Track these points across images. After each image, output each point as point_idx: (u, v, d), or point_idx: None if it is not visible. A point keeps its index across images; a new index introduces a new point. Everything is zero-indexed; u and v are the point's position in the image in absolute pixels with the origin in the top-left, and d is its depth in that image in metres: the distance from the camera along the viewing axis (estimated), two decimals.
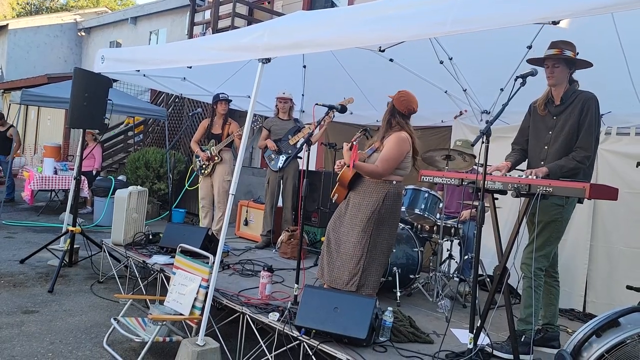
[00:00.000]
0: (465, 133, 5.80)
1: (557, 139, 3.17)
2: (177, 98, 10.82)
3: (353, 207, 3.71)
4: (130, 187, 5.28)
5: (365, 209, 3.66)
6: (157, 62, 4.83)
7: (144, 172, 9.69)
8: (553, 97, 3.26)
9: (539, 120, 3.31)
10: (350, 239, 3.65)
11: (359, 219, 3.66)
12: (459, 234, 4.34)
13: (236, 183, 3.61)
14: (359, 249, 3.63)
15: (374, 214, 3.65)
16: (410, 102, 3.80)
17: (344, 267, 3.64)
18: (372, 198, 3.67)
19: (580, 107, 3.10)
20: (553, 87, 3.23)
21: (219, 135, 5.86)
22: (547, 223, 3.10)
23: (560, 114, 3.20)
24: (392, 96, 3.82)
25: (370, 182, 3.71)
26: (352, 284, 3.59)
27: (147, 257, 4.71)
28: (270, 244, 5.77)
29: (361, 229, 3.64)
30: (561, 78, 3.16)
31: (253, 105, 3.68)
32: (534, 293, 3.12)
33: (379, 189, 3.68)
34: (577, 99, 3.14)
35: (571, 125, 3.11)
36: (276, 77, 6.39)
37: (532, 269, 3.10)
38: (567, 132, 3.12)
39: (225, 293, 3.87)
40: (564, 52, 3.10)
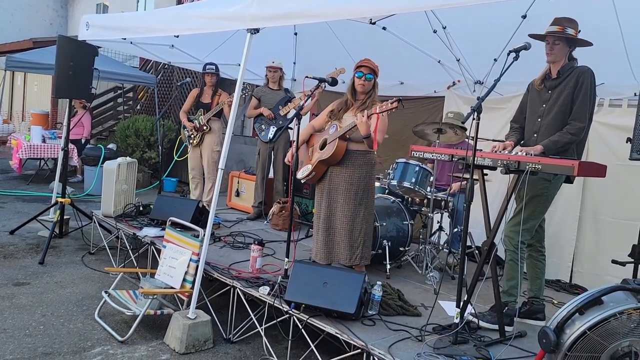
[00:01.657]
0: (458, 104, 5.75)
1: (551, 111, 3.14)
2: (166, 65, 10.61)
3: (344, 181, 3.69)
4: (119, 158, 5.22)
5: (358, 181, 3.68)
6: (143, 30, 4.70)
7: (134, 141, 9.59)
8: (551, 72, 3.21)
9: (535, 95, 3.29)
10: (347, 213, 3.68)
11: (353, 192, 3.68)
12: (448, 206, 4.36)
13: (225, 156, 3.57)
14: (358, 221, 3.69)
15: (367, 185, 3.72)
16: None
17: (344, 242, 3.68)
18: (363, 170, 3.70)
19: (575, 79, 3.06)
20: (552, 63, 3.18)
21: (208, 105, 5.78)
22: (533, 197, 3.11)
23: (556, 87, 3.16)
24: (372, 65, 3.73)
25: (359, 154, 3.70)
26: (356, 257, 3.67)
27: (137, 229, 4.70)
28: (262, 215, 5.77)
29: (358, 202, 3.69)
30: (560, 55, 3.12)
31: (242, 77, 3.61)
32: (516, 266, 3.15)
33: (368, 160, 3.72)
34: (573, 72, 3.10)
35: (565, 98, 3.08)
36: (266, 44, 6.25)
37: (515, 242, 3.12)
38: (561, 105, 3.09)
39: (216, 266, 3.89)
40: (566, 30, 3.05)
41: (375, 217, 4.12)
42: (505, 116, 5.40)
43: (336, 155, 3.64)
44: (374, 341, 2.80)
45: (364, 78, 3.67)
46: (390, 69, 6.15)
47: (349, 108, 3.78)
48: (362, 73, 3.68)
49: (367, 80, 3.68)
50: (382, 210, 4.26)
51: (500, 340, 2.95)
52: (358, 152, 3.69)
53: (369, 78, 3.68)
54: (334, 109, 3.84)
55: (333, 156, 3.64)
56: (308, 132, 3.92)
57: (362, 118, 3.44)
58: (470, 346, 2.80)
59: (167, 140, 9.41)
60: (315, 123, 3.96)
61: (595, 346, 2.09)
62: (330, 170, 3.74)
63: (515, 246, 3.12)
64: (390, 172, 4.38)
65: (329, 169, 3.75)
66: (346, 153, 3.67)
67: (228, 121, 6.31)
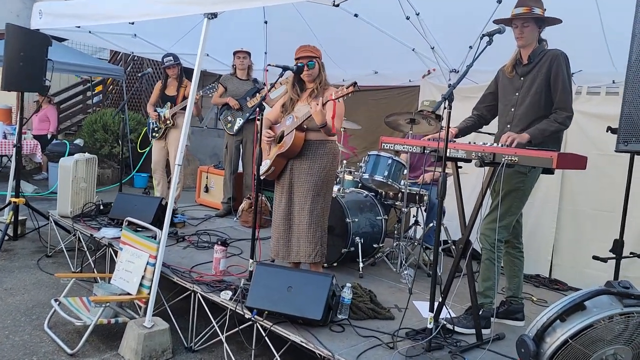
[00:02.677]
0: (434, 93, 5.56)
1: (525, 100, 2.95)
2: (135, 56, 10.23)
3: (302, 173, 3.46)
4: (76, 154, 4.90)
5: (317, 172, 3.44)
6: (98, 17, 4.39)
7: (102, 135, 9.23)
8: (521, 57, 3.02)
9: (507, 83, 3.08)
10: (305, 206, 3.43)
11: (311, 183, 3.44)
12: (423, 200, 4.16)
13: (182, 152, 3.32)
14: (315, 215, 3.43)
15: (327, 176, 3.49)
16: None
17: (303, 238, 3.43)
18: (323, 160, 3.47)
19: (548, 65, 2.87)
20: (522, 47, 2.98)
21: (174, 98, 5.48)
22: (509, 192, 2.92)
23: (527, 74, 2.97)
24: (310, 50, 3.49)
25: (319, 144, 3.47)
26: (317, 254, 3.42)
27: (95, 230, 4.42)
28: (231, 211, 5.52)
29: (316, 194, 3.45)
30: (531, 38, 2.93)
31: (199, 66, 3.36)
32: (492, 266, 2.97)
33: (328, 149, 3.49)
34: (545, 57, 2.91)
35: (539, 85, 2.89)
36: (235, 34, 6.00)
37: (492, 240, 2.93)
38: (535, 92, 2.91)
39: (176, 269, 3.64)
40: (533, 10, 2.84)
41: (347, 213, 3.90)
42: None
43: (294, 147, 3.39)
44: (341, 350, 2.59)
45: (305, 67, 3.45)
46: (364, 58, 5.96)
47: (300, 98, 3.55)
48: (303, 64, 3.45)
49: (310, 69, 3.45)
50: (354, 205, 4.05)
51: (478, 345, 2.77)
52: (318, 141, 3.46)
53: (311, 65, 3.45)
54: (285, 102, 3.60)
55: (291, 148, 3.39)
56: (267, 125, 3.67)
57: (317, 107, 3.22)
58: (445, 353, 2.60)
59: (136, 134, 9.06)
60: (270, 116, 3.71)
61: (578, 356, 1.91)
62: (291, 163, 3.50)
63: (492, 244, 2.93)
64: (362, 165, 4.17)
65: (288, 162, 3.51)
66: (305, 144, 3.43)
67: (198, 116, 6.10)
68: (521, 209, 3.02)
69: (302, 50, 3.46)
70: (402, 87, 5.94)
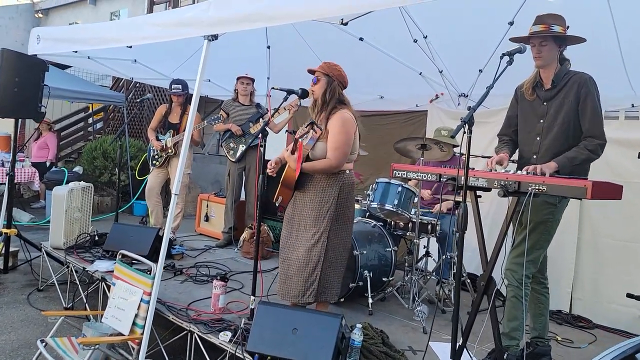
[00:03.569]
0: (442, 118, 5.38)
1: (551, 129, 2.74)
2: (137, 83, 10.15)
3: (303, 206, 3.16)
4: (71, 183, 4.70)
5: (318, 205, 3.10)
6: (96, 41, 4.24)
7: (102, 163, 9.07)
8: (542, 79, 2.82)
9: (527, 107, 2.87)
10: (304, 242, 3.11)
11: (311, 218, 3.11)
12: (436, 230, 3.92)
13: (179, 180, 3.11)
14: (314, 252, 3.07)
15: (329, 211, 3.10)
16: (344, 73, 3.28)
17: (297, 276, 3.10)
18: (325, 193, 3.12)
19: (576, 91, 2.67)
20: (541, 68, 2.79)
21: (177, 125, 5.31)
22: (537, 224, 2.69)
23: (552, 99, 2.76)
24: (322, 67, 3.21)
25: (321, 177, 3.13)
26: (310, 294, 3.07)
27: (88, 262, 4.18)
28: (232, 242, 5.27)
29: (316, 230, 3.09)
30: (550, 58, 2.73)
31: (198, 91, 3.19)
32: (519, 304, 2.72)
33: (332, 182, 3.12)
34: (570, 81, 2.71)
35: (567, 114, 2.68)
36: (238, 59, 5.86)
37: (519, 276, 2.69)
38: (563, 122, 2.69)
39: (172, 306, 3.39)
40: (552, 28, 2.66)
41: (355, 245, 3.66)
42: (492, 130, 5.00)
43: (287, 178, 3.13)
44: None
45: (311, 83, 3.21)
46: (369, 83, 5.79)
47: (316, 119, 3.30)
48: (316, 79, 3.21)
49: (313, 84, 3.18)
50: (362, 236, 3.82)
51: None
52: (320, 175, 3.13)
53: (315, 81, 3.17)
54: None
55: (284, 179, 3.15)
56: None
57: (285, 153, 3.01)
58: None
59: (136, 161, 8.89)
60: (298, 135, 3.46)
61: None
62: (295, 194, 3.22)
63: (519, 281, 2.70)
64: (370, 193, 3.94)
65: (294, 193, 3.23)
66: (307, 175, 3.12)
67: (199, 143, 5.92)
68: (549, 242, 2.79)
69: (319, 65, 3.23)
70: (409, 112, 5.77)
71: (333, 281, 3.17)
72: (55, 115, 11.31)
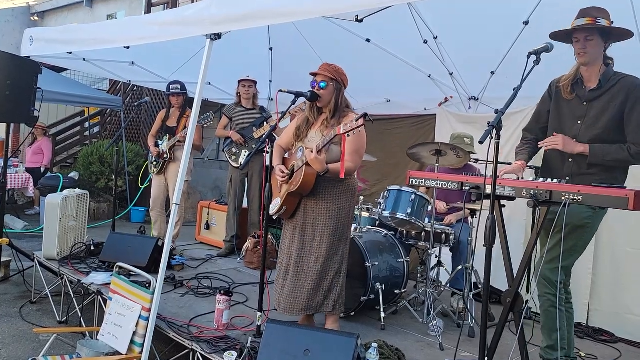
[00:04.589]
0: (452, 122, 5.21)
1: (591, 132, 2.53)
2: (135, 86, 9.94)
3: (320, 215, 3.01)
4: (65, 190, 4.50)
5: (337, 214, 3.01)
6: (90, 42, 4.06)
7: (99, 168, 8.86)
8: (583, 77, 2.60)
9: (563, 105, 2.65)
10: (323, 252, 2.98)
11: (332, 228, 2.99)
12: (450, 240, 3.74)
13: (180, 189, 2.92)
14: (335, 260, 3.01)
15: (347, 218, 3.06)
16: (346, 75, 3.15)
17: (315, 286, 2.98)
18: (341, 199, 3.03)
19: (625, 96, 2.45)
20: (585, 65, 2.56)
21: (174, 129, 5.11)
22: (575, 227, 2.52)
23: (594, 100, 2.55)
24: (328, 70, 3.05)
25: (335, 182, 3.01)
26: (327, 303, 2.99)
27: (84, 274, 3.98)
28: (235, 251, 5.08)
29: (337, 239, 3.02)
30: (595, 54, 2.51)
31: (201, 91, 3.01)
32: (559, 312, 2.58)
33: (346, 188, 3.06)
34: (619, 83, 2.49)
35: (612, 118, 2.48)
36: (239, 61, 5.68)
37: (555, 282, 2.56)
38: (606, 126, 2.49)
39: (173, 323, 3.19)
40: (598, 21, 2.44)
41: (366, 256, 3.47)
42: (504, 135, 4.74)
43: (305, 185, 2.93)
44: None
45: (317, 87, 3.04)
46: (376, 86, 5.61)
47: (313, 123, 3.13)
48: (315, 83, 3.05)
49: (321, 89, 3.03)
50: (373, 246, 3.62)
51: None
52: (334, 179, 3.00)
53: (323, 86, 3.01)
54: (300, 125, 3.18)
55: (302, 187, 2.94)
56: (280, 155, 3.25)
57: (311, 155, 2.80)
58: None
59: (134, 166, 8.69)
60: (281, 142, 3.28)
61: None
62: (304, 202, 3.05)
63: (555, 289, 2.57)
64: (381, 201, 3.74)
65: (302, 200, 3.07)
66: (321, 181, 2.98)
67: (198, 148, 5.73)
68: (585, 249, 2.61)
69: (321, 68, 3.07)
70: (417, 116, 5.59)
71: (344, 291, 3.07)
72: (50, 120, 11.10)
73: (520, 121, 4.66)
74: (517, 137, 4.66)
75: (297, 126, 3.17)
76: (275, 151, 3.16)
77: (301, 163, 2.98)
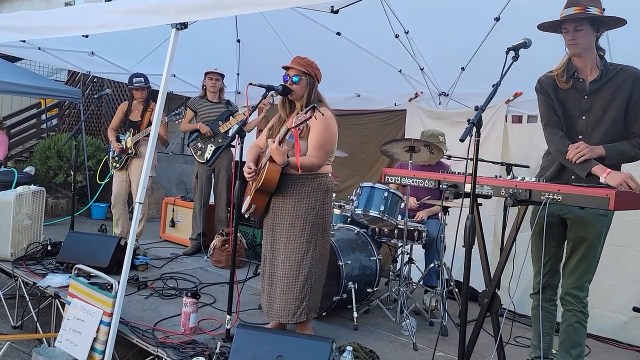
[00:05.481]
0: (422, 117, 5.17)
1: (598, 127, 2.45)
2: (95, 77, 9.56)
3: (285, 214, 2.88)
4: (19, 187, 4.24)
5: (304, 213, 2.85)
6: (45, 30, 3.79)
7: (57, 162, 8.48)
8: (577, 69, 2.51)
9: (563, 99, 2.54)
10: (291, 255, 2.85)
11: (298, 227, 2.85)
12: (422, 237, 3.70)
13: (144, 187, 2.76)
14: (304, 265, 2.83)
15: (316, 218, 2.87)
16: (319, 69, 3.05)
17: (286, 293, 2.84)
18: (311, 198, 2.87)
19: (630, 87, 2.38)
20: (576, 57, 2.47)
21: (138, 123, 4.89)
22: (595, 238, 2.47)
23: (595, 92, 2.46)
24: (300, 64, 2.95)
25: (304, 179, 2.88)
26: (301, 313, 2.82)
27: (40, 276, 3.75)
28: (201, 249, 4.91)
29: (304, 240, 2.85)
30: (587, 44, 2.42)
31: (166, 84, 2.84)
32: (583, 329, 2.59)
33: (316, 185, 2.90)
34: (621, 74, 2.42)
35: (618, 110, 2.40)
36: (205, 53, 5.49)
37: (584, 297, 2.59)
38: (614, 119, 2.41)
39: (136, 327, 3.03)
40: (588, 10, 2.35)
41: (338, 255, 3.39)
42: None
43: (268, 181, 2.79)
44: None
45: (289, 81, 2.93)
46: (345, 80, 5.51)
47: (285, 120, 3.02)
48: (287, 77, 2.94)
49: (294, 84, 2.92)
50: (345, 245, 3.54)
51: None
52: (305, 175, 2.87)
53: (295, 80, 2.90)
54: (273, 124, 3.08)
55: (265, 183, 2.80)
56: (255, 153, 3.11)
57: (272, 145, 2.68)
58: None
59: (94, 160, 8.36)
60: (259, 142, 3.17)
61: None
62: (273, 201, 2.93)
63: (584, 306, 2.55)
64: (353, 198, 3.66)
65: (271, 199, 2.94)
66: (289, 178, 2.86)
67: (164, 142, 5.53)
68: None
69: (293, 61, 2.95)
70: (387, 111, 5.52)
71: (319, 294, 2.94)
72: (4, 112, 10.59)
73: (490, 117, 4.67)
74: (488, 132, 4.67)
75: (271, 125, 3.06)
76: (251, 149, 3.02)
77: (266, 159, 2.87)
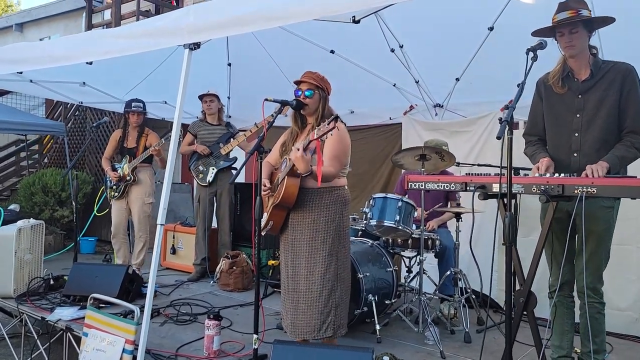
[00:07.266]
0: (418, 130, 5.23)
1: (593, 123, 2.53)
2: (77, 110, 9.42)
3: (306, 228, 2.84)
4: (19, 221, 4.13)
5: (325, 226, 2.82)
6: (46, 60, 3.76)
7: (42, 198, 8.26)
8: (572, 69, 2.61)
9: (557, 101, 2.65)
10: (314, 269, 2.79)
11: (319, 241, 2.80)
12: (435, 246, 3.71)
13: (165, 209, 2.72)
14: (327, 278, 2.77)
15: (337, 230, 2.84)
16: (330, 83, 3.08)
17: (311, 308, 2.77)
18: (330, 210, 2.84)
19: (620, 82, 2.48)
20: (573, 58, 2.57)
21: (134, 150, 4.83)
22: (604, 231, 2.52)
23: (589, 91, 2.56)
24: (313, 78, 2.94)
25: (322, 192, 2.85)
26: (327, 328, 2.74)
27: (47, 311, 3.63)
28: (207, 274, 4.83)
29: (327, 253, 2.80)
30: (582, 45, 2.53)
31: (181, 105, 2.83)
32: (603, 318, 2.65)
33: (335, 197, 2.88)
34: (611, 71, 2.52)
35: (611, 106, 2.49)
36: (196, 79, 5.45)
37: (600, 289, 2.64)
38: (608, 114, 2.49)
39: (159, 354, 2.96)
40: (580, 13, 2.46)
41: (357, 267, 3.37)
42: (470, 140, 4.91)
43: (287, 196, 2.78)
44: None
45: (302, 96, 2.93)
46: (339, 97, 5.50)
47: (298, 135, 3.03)
48: (300, 91, 2.93)
49: (307, 98, 2.92)
50: (362, 257, 3.52)
51: None
52: (323, 189, 2.84)
53: (309, 95, 2.90)
54: (285, 140, 3.07)
55: (284, 198, 2.78)
56: (268, 170, 3.09)
57: (297, 152, 2.64)
58: None
59: (81, 194, 8.18)
60: (270, 159, 3.15)
61: None
62: (291, 216, 2.89)
63: (601, 296, 2.61)
64: (366, 210, 3.66)
65: (289, 214, 2.91)
66: (307, 192, 2.84)
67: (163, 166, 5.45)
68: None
69: (305, 75, 2.95)
70: (382, 126, 5.58)
71: (346, 310, 2.87)
72: None
73: (486, 125, 4.75)
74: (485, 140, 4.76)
75: (283, 142, 3.06)
76: (264, 167, 2.99)
77: (284, 174, 2.85)
